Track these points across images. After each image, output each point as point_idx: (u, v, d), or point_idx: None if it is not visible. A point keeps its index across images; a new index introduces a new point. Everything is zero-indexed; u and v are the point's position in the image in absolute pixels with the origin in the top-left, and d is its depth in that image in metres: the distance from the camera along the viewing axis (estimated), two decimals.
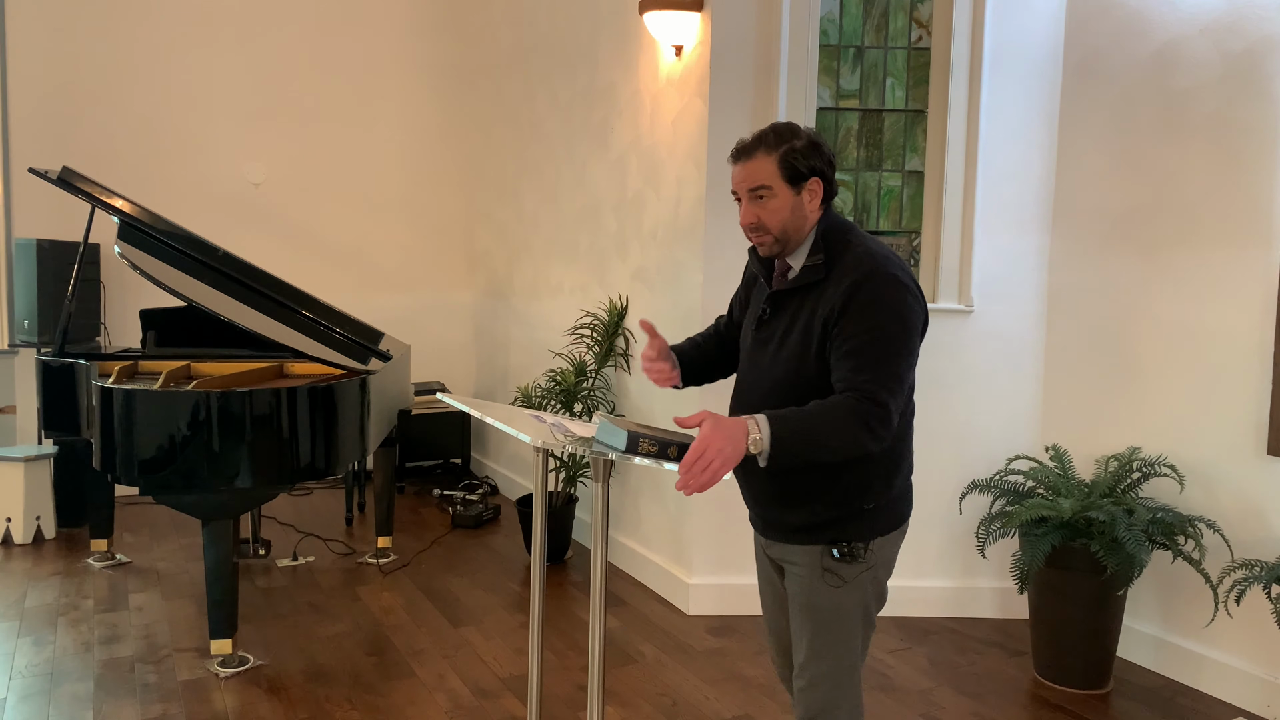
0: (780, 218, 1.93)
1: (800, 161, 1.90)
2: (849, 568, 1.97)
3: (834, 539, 1.97)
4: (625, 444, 1.73)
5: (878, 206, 4.03)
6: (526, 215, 5.71)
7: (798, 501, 1.98)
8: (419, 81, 6.48)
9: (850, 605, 1.99)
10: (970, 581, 4.04)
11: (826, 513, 1.96)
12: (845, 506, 1.96)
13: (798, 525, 2.00)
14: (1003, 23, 3.84)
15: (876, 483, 1.97)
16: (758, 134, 1.95)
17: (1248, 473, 3.26)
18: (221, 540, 3.38)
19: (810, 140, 1.93)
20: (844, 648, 2.00)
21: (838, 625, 2.00)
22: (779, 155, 1.90)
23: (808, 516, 1.98)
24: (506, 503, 5.77)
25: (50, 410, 4.13)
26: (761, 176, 1.91)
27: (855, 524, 1.97)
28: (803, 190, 1.92)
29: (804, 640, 2.03)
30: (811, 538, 1.99)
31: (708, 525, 4.03)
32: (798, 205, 1.92)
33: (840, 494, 1.95)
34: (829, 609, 1.99)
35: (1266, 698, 3.21)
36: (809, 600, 2.01)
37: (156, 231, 3.98)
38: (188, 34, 5.82)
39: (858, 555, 1.97)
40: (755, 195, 1.93)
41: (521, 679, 3.40)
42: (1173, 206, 3.48)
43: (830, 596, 1.99)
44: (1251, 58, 3.22)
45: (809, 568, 2.00)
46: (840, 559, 1.96)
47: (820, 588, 1.99)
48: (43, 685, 3.30)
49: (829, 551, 1.97)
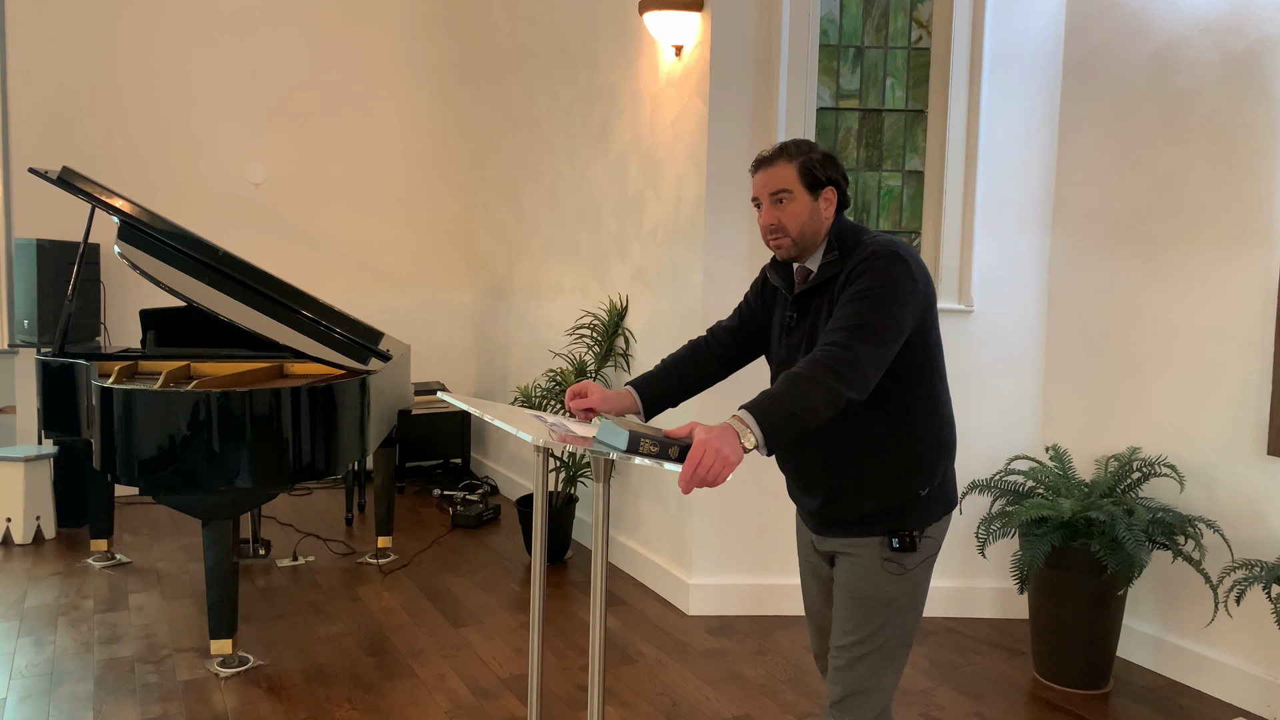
0: (799, 221, 2.04)
1: (819, 170, 2.04)
2: (910, 556, 2.02)
3: (892, 529, 2.01)
4: (626, 444, 1.73)
5: (878, 206, 4.03)
6: (526, 215, 5.71)
7: (854, 494, 2.02)
8: (419, 81, 6.48)
9: (903, 593, 2.04)
10: (970, 581, 4.04)
11: (885, 502, 2.01)
12: (901, 495, 2.01)
13: (855, 517, 2.04)
14: (1003, 23, 3.84)
15: (929, 467, 2.02)
16: (778, 146, 2.09)
17: (1248, 473, 3.27)
18: (221, 540, 3.38)
19: (826, 154, 2.07)
20: (892, 636, 2.04)
21: (891, 614, 2.03)
22: (799, 163, 2.04)
23: (865, 508, 2.02)
24: (506, 503, 5.77)
25: (50, 410, 4.13)
26: (783, 181, 2.04)
27: (913, 512, 2.02)
28: (820, 197, 2.05)
29: (850, 625, 2.05)
30: (870, 529, 2.03)
31: (708, 525, 4.03)
32: (814, 210, 2.04)
33: (895, 482, 2.00)
34: (882, 598, 2.03)
35: (1266, 698, 3.21)
36: (862, 588, 2.04)
37: (156, 231, 3.98)
38: (188, 34, 5.82)
39: (917, 544, 2.02)
40: (776, 199, 2.04)
41: (521, 679, 3.40)
42: (1173, 207, 3.48)
43: (888, 585, 2.03)
44: (1251, 58, 3.22)
45: (868, 558, 2.04)
46: (900, 549, 2.01)
47: (881, 577, 2.03)
48: (43, 685, 3.30)
49: (888, 542, 2.01)
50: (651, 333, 4.38)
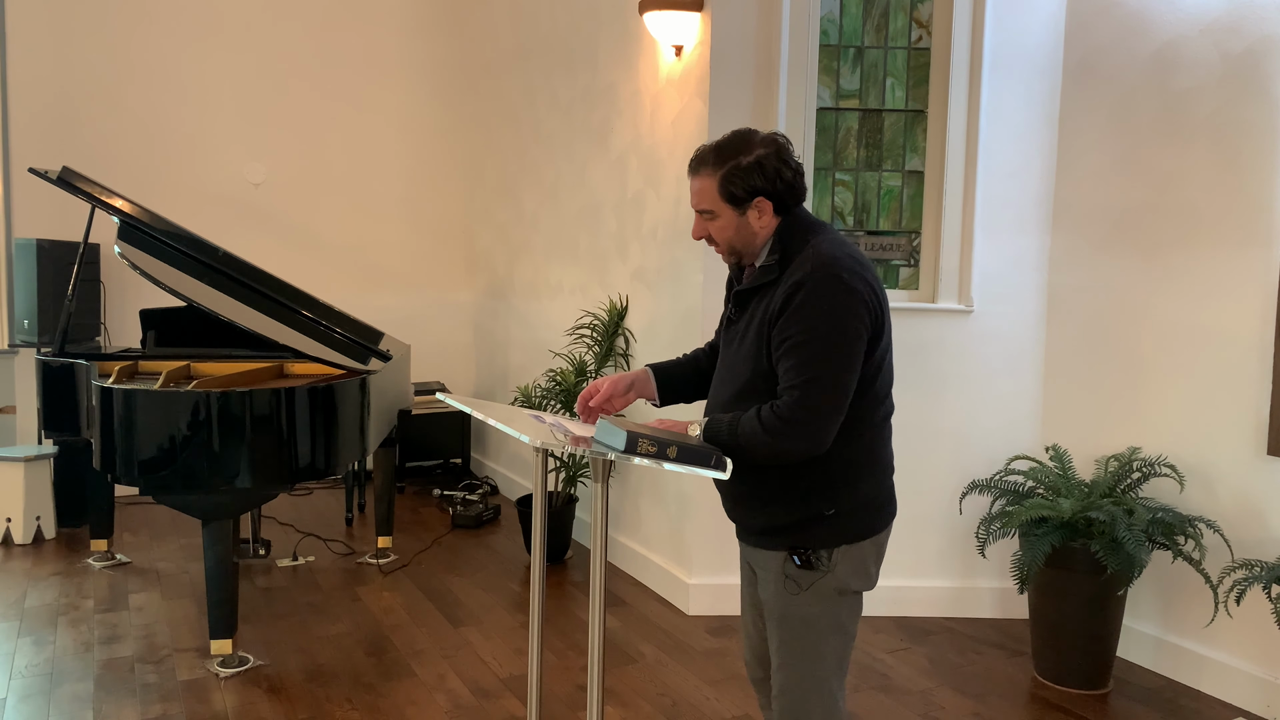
0: (726, 235, 1.96)
1: (739, 185, 1.89)
2: (807, 575, 1.93)
3: (794, 545, 1.93)
4: (624, 444, 1.73)
5: (878, 206, 4.03)
6: (526, 215, 5.71)
7: (759, 503, 1.96)
8: (419, 81, 6.48)
9: (816, 615, 1.95)
10: (970, 581, 4.04)
11: (786, 517, 1.93)
12: (804, 510, 1.92)
13: (759, 528, 1.99)
14: (1003, 23, 3.84)
15: (838, 487, 1.92)
16: (706, 149, 1.94)
17: (1248, 473, 3.26)
18: (221, 540, 3.38)
19: (756, 160, 1.88)
20: (812, 659, 1.95)
21: (805, 635, 1.95)
22: (720, 178, 1.90)
23: (767, 519, 1.96)
24: (506, 503, 5.77)
25: (50, 410, 4.13)
26: (704, 200, 1.93)
27: (816, 530, 1.93)
28: (747, 210, 1.92)
29: (775, 647, 2.01)
30: (773, 542, 1.96)
31: (708, 525, 4.03)
32: (744, 224, 1.94)
33: (799, 497, 1.92)
34: (796, 618, 1.96)
35: (1266, 698, 3.21)
36: (775, 607, 1.99)
37: (156, 231, 3.98)
38: (188, 34, 5.82)
39: (818, 564, 1.92)
40: (701, 214, 1.96)
41: (521, 679, 3.40)
42: (1173, 207, 3.47)
43: (794, 605, 1.95)
44: (1251, 58, 3.22)
45: (773, 573, 1.97)
46: (800, 566, 1.93)
47: (783, 595, 1.96)
48: (43, 685, 3.30)
49: (789, 558, 1.94)
50: (651, 333, 4.38)
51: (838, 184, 4.03)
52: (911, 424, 3.91)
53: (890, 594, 4.01)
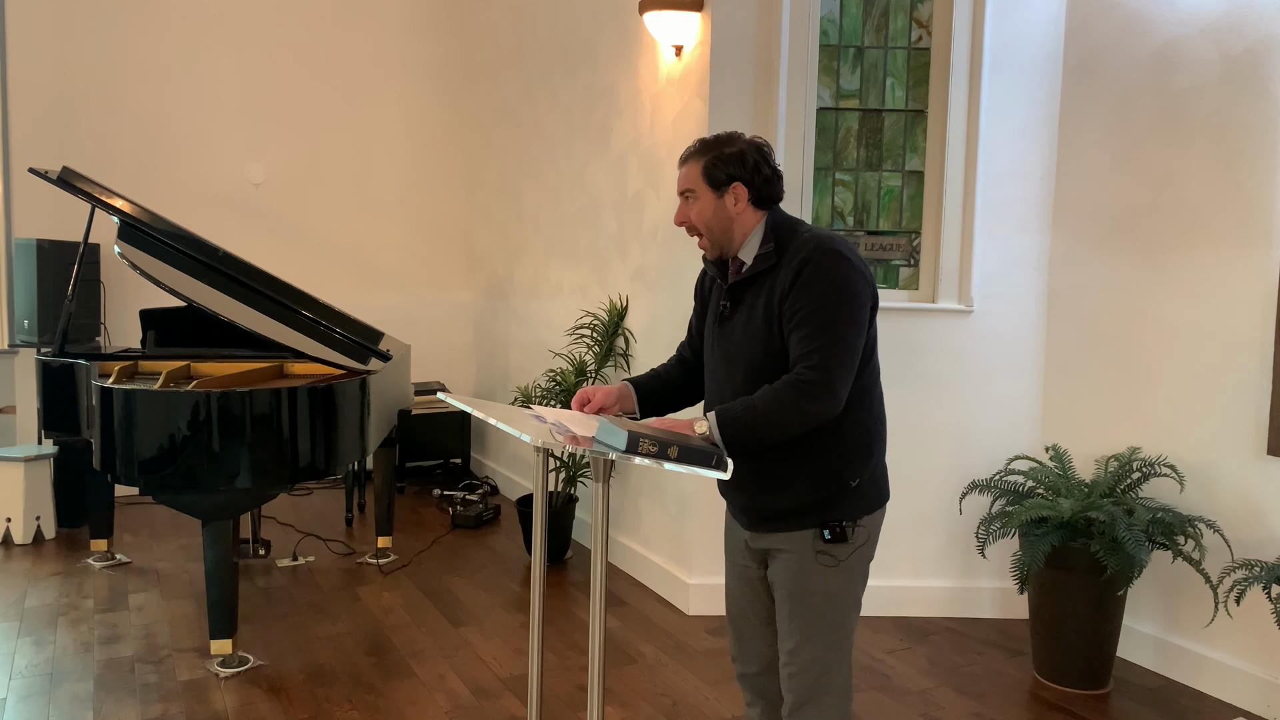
0: (703, 218, 2.09)
1: (720, 169, 2.06)
2: (842, 547, 2.03)
3: (823, 520, 2.02)
4: (625, 444, 1.73)
5: (878, 206, 4.03)
6: (526, 215, 5.71)
7: (782, 485, 2.03)
8: (419, 81, 6.48)
9: (838, 588, 2.05)
10: (970, 581, 4.04)
11: (813, 494, 2.02)
12: (830, 485, 2.02)
13: (785, 511, 2.05)
14: (1003, 23, 3.84)
15: (857, 458, 2.04)
16: (695, 143, 2.13)
17: (1248, 473, 3.27)
18: (221, 540, 3.38)
19: (740, 149, 2.06)
20: (835, 632, 2.06)
21: (830, 610, 2.05)
22: (704, 162, 2.07)
23: (793, 500, 2.03)
24: (506, 503, 5.77)
25: (50, 410, 4.13)
26: (688, 180, 2.10)
27: (843, 503, 2.03)
28: (725, 194, 2.07)
29: (794, 626, 2.06)
30: (801, 522, 2.04)
31: (708, 525, 4.03)
32: (720, 207, 2.08)
33: (823, 473, 2.01)
34: (821, 593, 2.04)
35: (1266, 698, 3.21)
36: (800, 585, 2.05)
37: (156, 231, 3.98)
38: (188, 34, 5.82)
39: (849, 534, 2.03)
40: (684, 197, 2.11)
41: (521, 679, 3.40)
42: (1173, 206, 3.48)
43: (824, 580, 2.03)
44: (1251, 58, 3.22)
45: (800, 553, 2.05)
46: (833, 540, 2.02)
47: (814, 571, 2.04)
48: (43, 685, 3.30)
49: (820, 534, 2.03)
50: (651, 333, 4.38)
51: (838, 184, 4.03)
52: (912, 424, 3.92)
53: (890, 594, 4.01)
